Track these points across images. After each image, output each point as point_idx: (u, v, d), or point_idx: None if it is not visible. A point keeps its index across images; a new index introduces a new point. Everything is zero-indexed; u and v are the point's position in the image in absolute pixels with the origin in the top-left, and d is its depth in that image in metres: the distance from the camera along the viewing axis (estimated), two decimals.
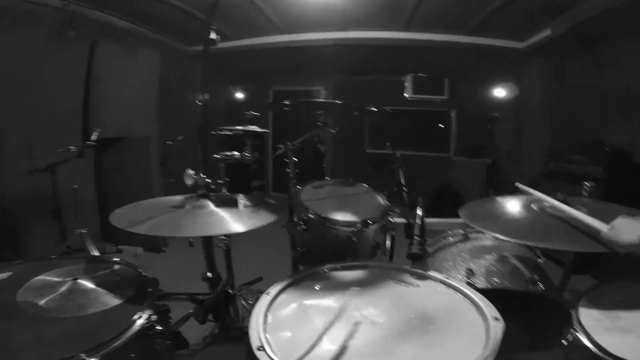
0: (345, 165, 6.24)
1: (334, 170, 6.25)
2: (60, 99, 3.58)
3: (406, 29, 4.65)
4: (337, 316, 1.01)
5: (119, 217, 1.28)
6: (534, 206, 1.39)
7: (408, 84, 5.87)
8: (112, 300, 1.10)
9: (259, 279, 2.69)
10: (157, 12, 4.00)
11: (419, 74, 5.84)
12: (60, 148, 3.18)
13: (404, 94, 5.90)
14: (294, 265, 1.99)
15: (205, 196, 1.36)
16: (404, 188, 1.67)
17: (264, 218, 1.30)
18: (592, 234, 1.11)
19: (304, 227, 1.63)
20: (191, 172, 1.33)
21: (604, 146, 3.59)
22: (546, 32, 4.25)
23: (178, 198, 1.39)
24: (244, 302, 2.39)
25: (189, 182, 1.33)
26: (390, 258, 1.94)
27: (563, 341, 1.03)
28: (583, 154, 3.78)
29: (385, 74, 6.11)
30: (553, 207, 1.31)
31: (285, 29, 4.77)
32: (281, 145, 2.08)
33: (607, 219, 1.10)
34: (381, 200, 1.86)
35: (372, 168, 2.25)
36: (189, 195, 1.39)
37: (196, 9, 3.91)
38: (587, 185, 1.64)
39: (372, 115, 2.02)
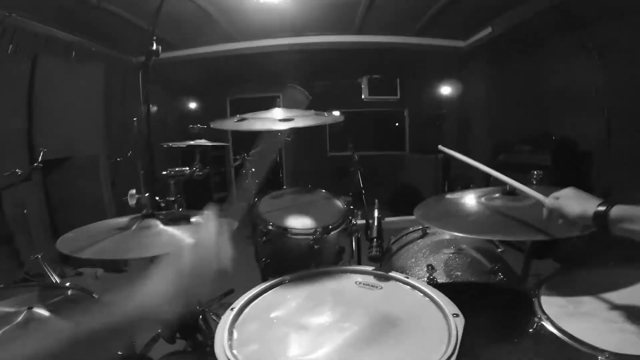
0: (307, 170, 6.26)
1: (296, 176, 6.27)
2: (1, 118, 3.34)
3: (358, 32, 4.73)
4: (303, 325, 1.00)
5: (66, 242, 1.21)
6: (484, 200, 1.43)
7: (364, 86, 5.97)
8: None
9: (231, 291, 2.63)
10: (100, 23, 3.83)
11: (374, 76, 5.96)
12: (6, 172, 2.97)
13: (362, 96, 6.00)
14: (263, 277, 1.95)
15: (151, 215, 1.30)
16: (362, 189, 1.68)
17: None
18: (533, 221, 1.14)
19: (265, 238, 1.60)
20: (133, 191, 1.27)
21: (551, 136, 3.80)
22: (487, 31, 4.46)
23: (123, 220, 1.32)
24: (214, 317, 2.32)
25: (131, 202, 1.27)
26: (358, 261, 1.96)
27: (529, 330, 1.04)
28: (529, 144, 3.98)
29: (342, 77, 6.18)
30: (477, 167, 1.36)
31: (239, 36, 4.71)
32: (238, 157, 2.04)
33: None
34: (341, 204, 1.87)
35: (336, 174, 2.26)
36: (134, 215, 1.33)
37: (140, 19, 3.77)
38: (535, 173, 1.72)
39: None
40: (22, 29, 3.41)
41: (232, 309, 1.07)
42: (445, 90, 5.74)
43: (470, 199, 1.47)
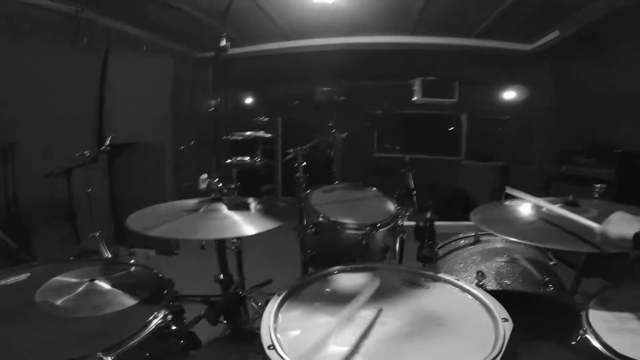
0: (353, 169, 6.25)
1: (342, 174, 6.28)
2: (74, 105, 3.66)
3: (413, 33, 4.65)
4: (347, 317, 1.02)
5: (135, 221, 1.30)
6: (544, 210, 1.39)
7: (417, 88, 5.86)
8: (129, 301, 1.13)
9: (269, 282, 2.71)
10: (168, 19, 4.06)
11: (428, 78, 5.83)
12: (76, 153, 3.25)
13: (413, 98, 5.90)
14: (304, 268, 2.01)
15: (218, 200, 1.38)
16: (413, 192, 1.68)
17: (273, 221, 1.31)
18: (588, 235, 1.12)
19: (314, 230, 1.65)
20: (204, 176, 1.36)
21: (615, 148, 3.55)
22: (554, 34, 4.23)
23: (192, 202, 1.41)
24: (254, 304, 2.41)
25: (202, 186, 1.36)
26: (400, 261, 1.95)
27: (572, 342, 1.04)
28: (594, 156, 3.74)
29: (393, 78, 6.11)
30: (547, 209, 1.32)
31: (293, 34, 4.81)
32: (291, 150, 2.11)
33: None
34: (390, 203, 1.87)
35: (382, 175, 2.27)
36: (202, 199, 1.41)
37: (207, 16, 3.96)
38: (597, 187, 1.63)
39: (380, 119, 2.04)
40: (95, 23, 3.70)
41: (278, 295, 1.10)
42: (508, 95, 5.47)
43: (529, 208, 1.43)
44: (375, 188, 2.04)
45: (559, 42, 4.21)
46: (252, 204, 1.41)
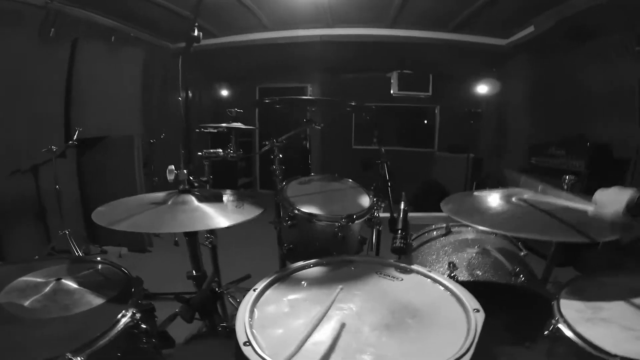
0: (331, 161, 6.28)
1: (320, 166, 6.30)
2: (41, 98, 3.50)
3: (392, 25, 4.67)
4: (324, 311, 1.02)
5: (101, 215, 1.25)
6: (514, 199, 1.42)
7: (394, 81, 5.91)
8: (96, 300, 1.10)
9: (247, 277, 2.69)
10: (140, 9, 3.94)
11: (405, 71, 5.88)
12: (43, 148, 3.13)
13: (390, 91, 5.94)
14: (282, 262, 2.00)
15: (187, 192, 1.34)
16: (388, 183, 1.69)
17: (249, 212, 1.29)
18: (581, 219, 1.13)
19: (290, 223, 1.64)
20: (172, 167, 1.32)
21: (586, 141, 3.67)
22: (529, 29, 4.31)
23: (159, 195, 1.37)
24: (231, 300, 2.39)
25: (170, 177, 1.32)
26: (377, 252, 1.97)
27: (545, 332, 1.05)
28: (565, 149, 3.86)
29: (371, 70, 6.14)
30: (538, 200, 1.33)
31: (272, 26, 4.74)
32: (267, 142, 2.08)
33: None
34: (366, 195, 1.88)
35: (361, 167, 2.27)
36: (170, 191, 1.37)
37: (180, 6, 3.86)
38: (567, 178, 1.68)
39: (357, 111, 2.03)
40: (64, 14, 3.54)
41: (254, 290, 1.09)
42: (482, 88, 5.59)
43: (498, 198, 1.46)
44: (351, 180, 2.04)
45: (533, 38, 4.30)
46: (226, 196, 1.38)
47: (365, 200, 1.81)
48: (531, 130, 4.96)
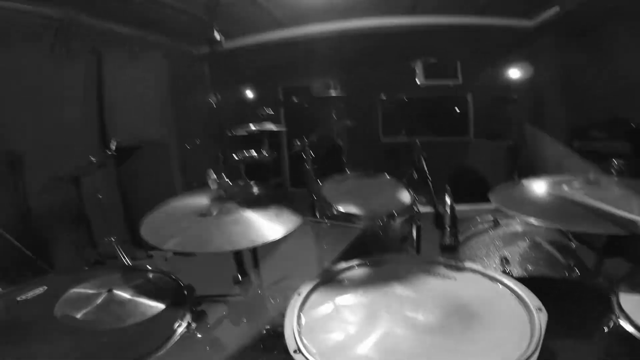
0: (361, 156, 6.20)
1: (351, 162, 6.24)
2: (74, 110, 3.63)
3: (411, 12, 4.54)
4: (373, 315, 0.99)
5: (149, 228, 1.26)
6: (565, 187, 1.34)
7: (419, 70, 5.76)
8: (150, 310, 1.11)
9: (286, 277, 2.70)
10: (158, 15, 3.98)
11: (429, 59, 5.73)
12: (81, 160, 3.24)
13: (416, 81, 5.80)
14: (320, 263, 1.98)
15: (230, 199, 1.34)
16: (427, 176, 1.64)
17: (293, 220, 1.27)
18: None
19: (329, 223, 1.62)
20: (213, 175, 1.31)
21: (628, 121, 3.47)
22: (554, 9, 4.11)
23: (204, 202, 1.36)
24: (272, 301, 2.39)
25: (212, 185, 1.32)
26: (418, 250, 1.92)
27: (604, 328, 1.01)
28: (607, 131, 3.66)
29: (394, 61, 6.01)
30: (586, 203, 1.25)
31: (288, 23, 4.71)
32: (298, 142, 2.07)
33: None
34: (404, 190, 1.83)
35: (389, 160, 2.23)
36: (214, 198, 1.36)
37: (196, 10, 3.87)
38: (615, 163, 1.57)
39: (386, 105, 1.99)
40: (83, 26, 3.62)
41: (298, 294, 1.08)
42: (514, 73, 5.36)
43: (547, 187, 1.38)
44: (387, 175, 1.99)
45: (562, 17, 4.09)
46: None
47: (405, 196, 1.77)
48: (569, 113, 4.73)
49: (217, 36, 1.42)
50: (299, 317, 0.99)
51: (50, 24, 3.41)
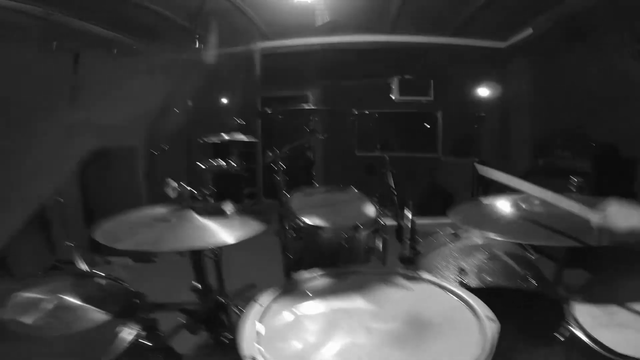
0: (335, 169, 6.25)
1: (325, 175, 6.27)
2: (44, 110, 3.52)
3: (391, 31, 4.68)
4: (332, 324, 0.99)
5: (105, 232, 1.24)
6: (523, 204, 1.39)
7: (395, 87, 5.90)
8: (99, 317, 1.08)
9: (252, 286, 2.67)
10: (141, 20, 3.96)
11: (405, 76, 5.88)
12: (47, 161, 3.13)
13: (391, 96, 5.94)
14: (287, 273, 1.97)
15: (190, 207, 1.32)
16: (393, 191, 1.67)
17: (253, 228, 1.27)
18: (584, 225, 1.10)
19: (295, 234, 1.62)
20: (173, 183, 1.30)
21: (590, 141, 3.64)
22: (528, 31, 4.31)
23: (162, 210, 1.35)
24: (237, 311, 2.36)
25: (172, 194, 1.30)
26: (384, 262, 1.94)
27: (559, 337, 1.03)
28: (570, 150, 3.82)
29: (372, 77, 6.14)
30: (530, 194, 1.30)
31: (271, 35, 4.77)
32: (270, 153, 2.07)
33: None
34: (371, 204, 1.86)
35: (364, 172, 2.25)
36: (173, 206, 1.35)
37: (180, 17, 3.87)
38: (574, 180, 1.64)
39: (360, 119, 2.03)
40: (65, 26, 3.56)
41: (258, 303, 1.07)
42: (483, 92, 5.57)
43: (507, 204, 1.43)
44: (355, 189, 2.01)
45: (532, 39, 4.30)
46: (228, 207, 1.36)
47: (371, 210, 1.79)
48: (535, 132, 4.93)
49: (199, 44, 1.42)
50: (256, 326, 0.98)
51: (34, 23, 3.32)
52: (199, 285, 1.38)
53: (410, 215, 1.34)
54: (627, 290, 1.16)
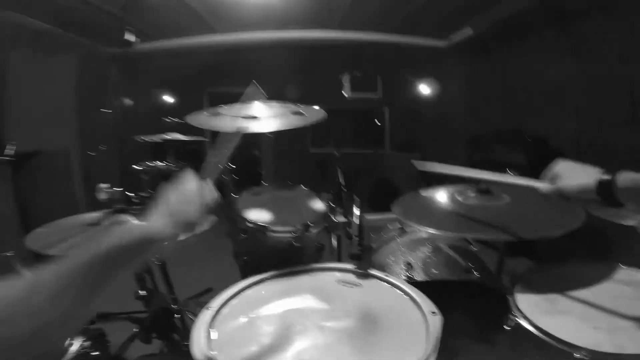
0: (287, 167, 6.22)
1: (278, 172, 6.22)
2: None
3: (341, 27, 4.71)
4: (284, 325, 0.99)
5: (37, 238, 1.18)
6: (458, 197, 1.44)
7: (346, 83, 5.97)
8: None
9: (208, 290, 2.59)
10: (72, 11, 3.67)
11: (355, 73, 5.97)
12: None
13: (343, 93, 6.00)
14: (242, 275, 1.92)
15: (122, 211, 1.25)
16: (342, 187, 1.68)
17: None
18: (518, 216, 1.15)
19: (244, 235, 1.58)
20: (103, 185, 1.22)
21: (525, 135, 3.89)
22: (467, 31, 4.53)
23: (95, 215, 1.27)
24: (191, 317, 2.28)
25: (102, 197, 1.22)
26: (339, 259, 1.95)
27: (505, 327, 1.06)
28: (505, 144, 4.07)
29: (323, 73, 6.16)
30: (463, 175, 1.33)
31: (220, 29, 4.62)
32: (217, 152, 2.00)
33: (529, 202, 1.16)
34: (321, 201, 1.86)
35: (317, 167, 2.25)
36: (105, 210, 1.27)
37: (114, 7, 3.62)
38: (510, 172, 1.74)
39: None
40: None
41: (208, 308, 1.05)
42: (425, 88, 5.80)
43: (445, 197, 1.48)
44: (304, 187, 2.00)
45: (470, 38, 4.51)
46: None
47: (320, 207, 1.79)
48: (472, 127, 5.21)
49: (130, 36, 1.32)
50: (207, 331, 0.96)
51: None
52: (144, 292, 1.31)
53: (357, 212, 1.36)
54: (565, 276, 1.23)
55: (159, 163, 1.67)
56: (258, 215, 1.61)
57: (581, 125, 3.50)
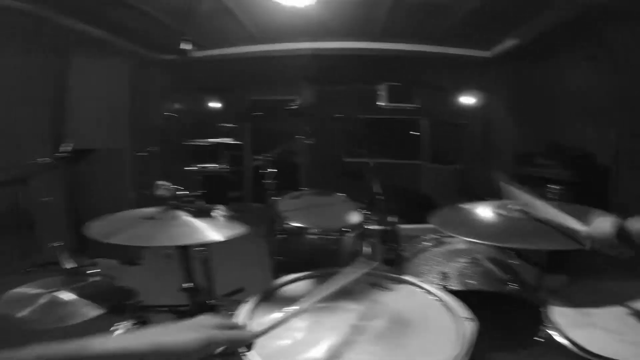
0: (322, 174, 6.29)
1: (312, 179, 6.29)
2: (31, 109, 3.48)
3: (379, 39, 4.76)
4: (319, 323, 1.03)
5: (94, 229, 1.23)
6: (501, 211, 1.45)
7: (383, 93, 5.98)
8: (92, 312, 1.10)
9: (240, 290, 2.67)
10: (129, 20, 3.94)
11: (393, 83, 5.97)
12: (31, 160, 3.09)
13: (379, 103, 6.01)
14: (274, 275, 2.00)
15: (177, 207, 1.34)
16: (379, 196, 1.72)
17: (239, 228, 1.30)
18: (571, 234, 1.16)
19: (281, 237, 1.65)
20: (161, 182, 1.31)
21: (572, 150, 3.76)
22: (512, 41, 4.44)
23: (150, 210, 1.35)
24: (225, 312, 2.36)
25: (160, 193, 1.31)
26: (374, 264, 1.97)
27: (537, 339, 1.06)
28: (549, 158, 3.94)
29: (360, 83, 6.21)
30: (533, 207, 1.35)
31: (262, 38, 4.80)
32: (259, 157, 2.10)
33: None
34: (357, 209, 1.90)
35: (350, 178, 2.29)
36: (160, 206, 1.35)
37: (169, 17, 3.87)
38: (552, 188, 1.71)
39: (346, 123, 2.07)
40: (54, 23, 3.53)
41: (246, 302, 1.10)
42: (467, 100, 5.69)
43: (486, 210, 1.49)
44: (342, 194, 2.05)
45: (515, 49, 4.42)
46: (216, 211, 1.37)
47: (356, 215, 1.83)
48: (516, 140, 5.06)
49: (185, 46, 1.43)
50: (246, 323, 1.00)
51: (21, 19, 3.28)
52: (191, 284, 1.39)
53: (393, 220, 1.39)
54: (601, 291, 1.22)
55: (209, 165, 1.77)
56: (297, 218, 1.67)
57: (621, 139, 3.36)
